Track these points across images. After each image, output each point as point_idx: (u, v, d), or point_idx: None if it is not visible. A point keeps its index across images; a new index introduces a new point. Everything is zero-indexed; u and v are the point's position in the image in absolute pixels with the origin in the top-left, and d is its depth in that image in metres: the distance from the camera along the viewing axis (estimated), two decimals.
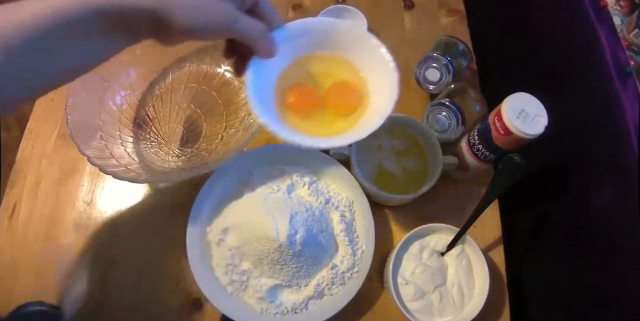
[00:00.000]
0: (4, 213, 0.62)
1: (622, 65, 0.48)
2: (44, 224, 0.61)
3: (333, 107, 0.41)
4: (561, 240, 0.58)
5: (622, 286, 0.48)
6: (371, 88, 0.41)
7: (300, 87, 0.42)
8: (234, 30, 0.33)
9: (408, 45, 0.74)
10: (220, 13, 0.32)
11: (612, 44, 0.50)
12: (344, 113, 0.41)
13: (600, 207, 0.50)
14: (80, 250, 0.60)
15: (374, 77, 0.41)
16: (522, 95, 0.50)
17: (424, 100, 0.69)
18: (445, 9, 0.77)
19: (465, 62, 0.65)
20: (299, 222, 0.53)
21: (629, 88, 0.47)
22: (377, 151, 0.62)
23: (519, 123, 0.48)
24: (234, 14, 0.33)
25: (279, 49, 0.38)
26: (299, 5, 0.78)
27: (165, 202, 0.63)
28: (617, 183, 0.49)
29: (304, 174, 0.60)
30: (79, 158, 0.65)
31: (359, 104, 0.41)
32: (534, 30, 0.69)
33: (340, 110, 0.42)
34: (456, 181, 0.64)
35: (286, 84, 0.41)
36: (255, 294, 0.54)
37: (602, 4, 0.51)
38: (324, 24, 0.40)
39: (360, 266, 0.56)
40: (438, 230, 0.57)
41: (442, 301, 0.53)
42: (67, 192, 0.63)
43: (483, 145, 0.54)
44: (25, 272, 0.58)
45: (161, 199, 0.63)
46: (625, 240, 0.47)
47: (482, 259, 0.54)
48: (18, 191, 0.63)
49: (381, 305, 0.57)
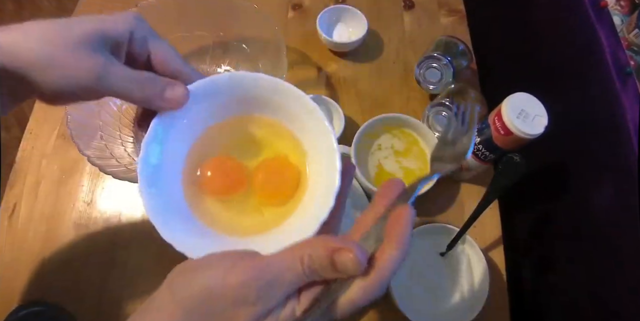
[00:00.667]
0: (4, 213, 0.62)
1: (622, 65, 0.48)
2: (44, 224, 0.61)
3: (260, 193, 0.33)
4: (561, 240, 0.58)
5: (622, 286, 0.48)
6: (312, 169, 0.32)
7: (219, 161, 0.32)
8: (102, 88, 0.27)
9: (408, 45, 0.74)
10: (82, 70, 0.26)
11: (612, 44, 0.50)
12: (272, 203, 0.33)
13: (600, 207, 0.50)
14: (80, 250, 0.60)
15: (315, 155, 0.32)
16: (522, 95, 0.50)
17: (424, 100, 0.69)
18: (445, 9, 0.77)
19: (465, 62, 0.66)
20: None
21: (629, 88, 0.47)
22: (377, 151, 0.62)
23: (519, 123, 0.48)
24: (103, 69, 0.27)
25: (194, 110, 0.30)
26: (299, 5, 0.78)
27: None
28: (617, 183, 0.49)
29: None
30: (79, 158, 0.65)
31: (293, 192, 0.32)
32: (534, 30, 0.69)
33: (269, 199, 0.33)
34: (456, 181, 0.64)
35: (201, 157, 0.32)
36: None
37: (602, 4, 0.51)
38: (254, 80, 0.31)
39: None
40: (438, 230, 0.57)
41: (442, 301, 0.53)
42: (67, 192, 0.63)
43: (483, 145, 0.54)
44: (25, 272, 0.58)
45: None
46: (625, 240, 0.47)
47: (482, 259, 0.54)
48: (18, 191, 0.63)
49: (381, 305, 0.57)
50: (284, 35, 0.71)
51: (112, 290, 0.57)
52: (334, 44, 0.70)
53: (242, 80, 0.31)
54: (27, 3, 1.69)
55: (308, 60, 0.73)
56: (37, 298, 0.56)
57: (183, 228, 0.29)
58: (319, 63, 0.73)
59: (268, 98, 0.32)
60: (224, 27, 0.66)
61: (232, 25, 0.65)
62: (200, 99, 0.30)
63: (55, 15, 0.29)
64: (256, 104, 0.32)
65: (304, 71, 0.72)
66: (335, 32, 0.74)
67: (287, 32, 0.75)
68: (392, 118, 0.61)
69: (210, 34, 0.66)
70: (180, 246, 0.27)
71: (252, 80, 0.31)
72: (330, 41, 0.69)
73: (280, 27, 0.69)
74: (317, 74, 0.72)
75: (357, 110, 0.68)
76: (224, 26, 0.66)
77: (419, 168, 0.61)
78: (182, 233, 0.28)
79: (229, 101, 0.32)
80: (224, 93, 0.31)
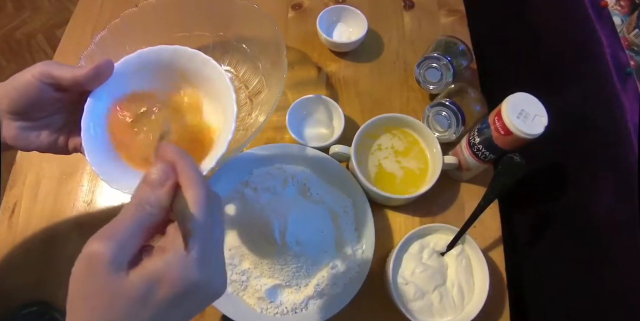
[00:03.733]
0: (4, 213, 0.62)
1: (622, 65, 0.48)
2: (44, 224, 0.61)
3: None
4: (561, 240, 0.58)
5: (622, 286, 0.48)
6: (213, 112, 0.40)
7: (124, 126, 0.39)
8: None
9: (408, 45, 0.74)
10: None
11: (612, 44, 0.50)
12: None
13: (600, 206, 0.50)
14: (81, 250, 0.60)
15: (214, 103, 0.39)
16: (522, 95, 0.50)
17: (424, 100, 0.69)
18: (445, 9, 0.77)
19: (465, 62, 0.66)
20: (299, 221, 0.53)
21: (629, 88, 0.47)
22: (377, 151, 0.62)
23: (519, 123, 0.48)
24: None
25: (115, 83, 0.37)
26: (298, 5, 0.78)
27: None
28: (617, 183, 0.49)
29: (304, 174, 0.60)
30: (79, 158, 0.65)
31: (204, 156, 0.37)
32: (534, 30, 0.69)
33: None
34: (456, 181, 0.64)
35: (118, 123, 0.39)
36: (255, 294, 0.54)
37: (602, 4, 0.51)
38: (159, 53, 0.39)
39: (360, 266, 0.56)
40: (438, 230, 0.57)
41: (442, 301, 0.53)
42: (67, 192, 0.63)
43: (483, 145, 0.54)
44: (25, 272, 0.58)
45: None
46: (625, 240, 0.47)
47: (482, 259, 0.54)
48: (18, 191, 0.63)
49: (381, 305, 0.57)
50: (284, 35, 0.72)
51: None
52: (334, 43, 0.70)
53: (149, 54, 0.39)
54: (27, 3, 1.69)
55: (308, 60, 0.73)
56: (37, 297, 0.56)
57: (112, 166, 0.37)
58: (319, 63, 0.73)
59: (171, 62, 0.39)
60: (223, 27, 0.66)
61: (232, 25, 0.65)
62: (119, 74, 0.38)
63: (56, 15, 0.30)
64: (165, 68, 0.39)
65: (304, 71, 0.72)
66: (335, 32, 0.74)
67: (287, 32, 0.75)
68: (392, 118, 0.61)
69: (210, 33, 0.66)
70: (104, 176, 0.36)
71: (155, 51, 0.39)
72: (330, 41, 0.69)
73: (280, 27, 0.69)
74: (317, 74, 0.72)
75: (357, 110, 0.69)
76: (224, 26, 0.66)
77: (419, 168, 0.61)
78: (110, 169, 0.37)
79: (145, 69, 0.39)
80: (139, 64, 0.39)
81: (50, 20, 1.65)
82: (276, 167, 0.61)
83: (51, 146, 0.39)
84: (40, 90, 0.36)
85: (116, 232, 0.27)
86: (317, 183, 0.60)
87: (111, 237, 0.27)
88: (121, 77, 0.38)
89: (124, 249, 0.27)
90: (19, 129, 0.37)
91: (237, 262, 0.55)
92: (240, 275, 0.55)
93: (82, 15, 0.78)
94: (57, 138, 0.40)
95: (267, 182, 0.59)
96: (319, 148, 0.61)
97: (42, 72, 0.35)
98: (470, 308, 0.53)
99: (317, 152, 0.61)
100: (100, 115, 0.38)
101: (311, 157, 0.60)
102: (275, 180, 0.59)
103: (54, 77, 0.35)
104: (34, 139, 0.38)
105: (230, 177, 0.60)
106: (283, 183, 0.59)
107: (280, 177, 0.59)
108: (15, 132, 0.37)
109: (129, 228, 0.28)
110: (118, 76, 0.38)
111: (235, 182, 0.60)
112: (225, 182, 0.60)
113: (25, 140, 0.38)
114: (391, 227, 0.62)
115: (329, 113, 0.66)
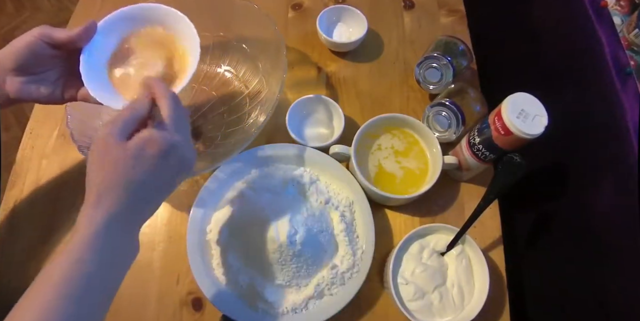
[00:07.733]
0: (4, 213, 0.62)
1: (622, 65, 0.48)
2: (44, 224, 0.61)
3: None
4: (561, 240, 0.58)
5: (622, 286, 0.48)
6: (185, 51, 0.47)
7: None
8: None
9: (408, 45, 0.74)
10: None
11: (612, 44, 0.50)
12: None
13: (600, 206, 0.50)
14: None
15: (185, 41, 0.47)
16: (522, 95, 0.50)
17: (424, 100, 0.69)
18: (445, 9, 0.77)
19: (465, 62, 0.65)
20: (299, 221, 0.53)
21: (629, 88, 0.47)
22: (377, 151, 0.62)
23: (519, 123, 0.48)
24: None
25: (105, 35, 0.46)
26: (299, 5, 0.78)
27: (164, 202, 0.63)
28: (617, 183, 0.49)
29: (303, 174, 0.60)
30: (79, 158, 0.65)
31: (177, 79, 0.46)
32: (533, 30, 0.69)
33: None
34: (456, 181, 0.64)
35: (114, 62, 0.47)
36: (256, 294, 0.54)
37: (602, 4, 0.51)
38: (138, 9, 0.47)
39: (360, 266, 0.56)
40: (438, 230, 0.57)
41: (442, 301, 0.53)
42: (67, 191, 0.63)
43: (483, 145, 0.54)
44: (25, 272, 0.58)
45: None
46: (625, 240, 0.47)
47: (482, 259, 0.54)
48: (18, 191, 0.63)
49: (381, 305, 0.57)
50: (284, 35, 0.71)
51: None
52: (334, 43, 0.70)
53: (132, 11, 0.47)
54: (27, 3, 1.69)
55: (308, 60, 0.73)
56: None
57: (105, 90, 0.45)
58: (319, 63, 0.73)
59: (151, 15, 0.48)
60: (223, 27, 0.66)
61: (232, 25, 0.65)
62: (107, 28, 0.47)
63: (56, 15, 0.31)
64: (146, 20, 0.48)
65: (304, 71, 0.72)
66: (335, 32, 0.74)
67: (287, 32, 0.75)
68: (392, 118, 0.61)
69: (210, 33, 0.66)
70: (99, 98, 0.44)
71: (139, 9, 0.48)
72: (330, 41, 0.69)
73: (280, 27, 0.69)
74: (317, 74, 0.72)
75: (357, 110, 0.68)
76: (224, 26, 0.66)
77: (419, 168, 0.61)
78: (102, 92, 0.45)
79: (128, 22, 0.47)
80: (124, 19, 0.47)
81: (50, 20, 1.65)
82: (276, 167, 0.61)
83: (49, 97, 0.46)
84: (41, 48, 0.43)
85: (119, 120, 0.39)
86: (317, 184, 0.60)
87: (116, 123, 0.39)
88: (104, 33, 0.46)
89: (125, 129, 0.39)
90: (21, 83, 0.44)
91: (236, 262, 0.55)
92: (241, 275, 0.55)
93: (82, 15, 0.78)
94: (53, 90, 0.46)
95: (267, 182, 0.59)
96: (319, 148, 0.61)
97: (42, 33, 0.43)
98: (470, 308, 0.53)
99: (317, 152, 0.61)
100: (95, 63, 0.47)
101: (311, 157, 0.61)
102: (275, 180, 0.59)
103: (51, 36, 0.43)
104: (34, 91, 0.45)
105: (231, 176, 0.60)
106: (283, 183, 0.59)
107: (280, 177, 0.59)
108: (18, 86, 0.44)
109: (127, 118, 0.39)
110: (102, 32, 0.46)
111: (235, 182, 0.60)
112: (226, 182, 0.60)
113: (26, 92, 0.45)
114: (391, 227, 0.62)
115: (329, 113, 0.66)
